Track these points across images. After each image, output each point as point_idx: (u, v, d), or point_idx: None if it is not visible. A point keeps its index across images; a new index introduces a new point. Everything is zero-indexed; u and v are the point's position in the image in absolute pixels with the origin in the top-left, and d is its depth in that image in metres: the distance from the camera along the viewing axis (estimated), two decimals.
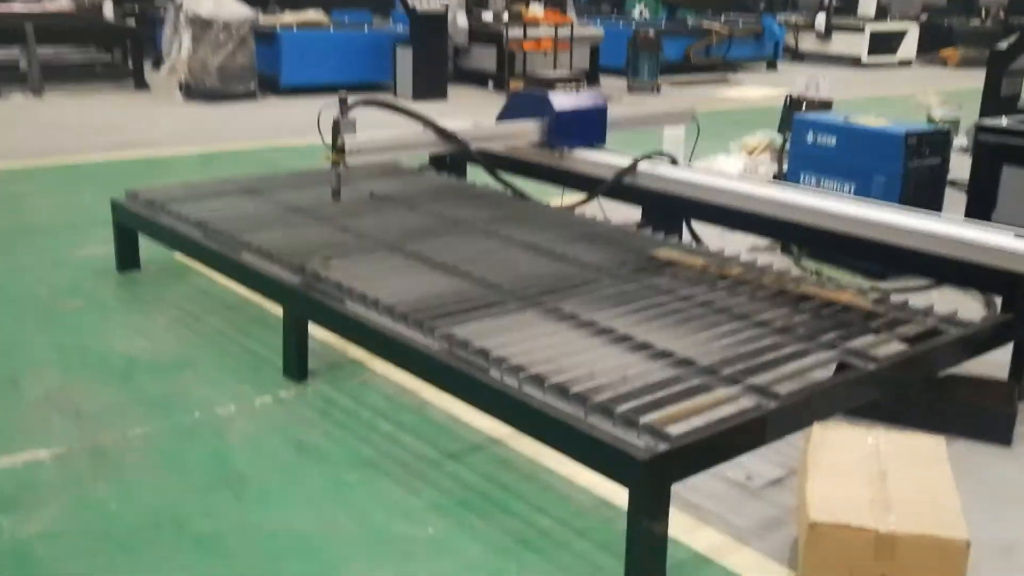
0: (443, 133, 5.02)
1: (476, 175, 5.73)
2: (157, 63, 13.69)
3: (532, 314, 3.51)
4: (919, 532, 2.32)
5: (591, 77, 14.80)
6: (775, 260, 5.56)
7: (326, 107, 4.63)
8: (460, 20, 13.80)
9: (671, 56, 15.49)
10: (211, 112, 11.05)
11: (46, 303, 4.84)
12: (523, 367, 2.98)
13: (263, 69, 12.16)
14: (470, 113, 11.57)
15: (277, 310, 4.09)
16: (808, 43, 19.57)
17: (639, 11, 22.13)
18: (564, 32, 13.27)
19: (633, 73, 14.39)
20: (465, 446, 3.45)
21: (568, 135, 5.38)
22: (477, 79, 13.98)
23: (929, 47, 19.77)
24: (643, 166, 5.04)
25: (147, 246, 5.18)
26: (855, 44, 18.92)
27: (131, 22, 13.85)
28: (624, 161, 5.14)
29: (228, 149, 9.02)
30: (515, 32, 13.23)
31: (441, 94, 12.67)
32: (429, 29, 12.55)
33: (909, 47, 19.51)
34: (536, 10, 13.20)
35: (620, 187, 5.08)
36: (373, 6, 16.55)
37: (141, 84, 12.51)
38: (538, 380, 2.91)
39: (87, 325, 4.57)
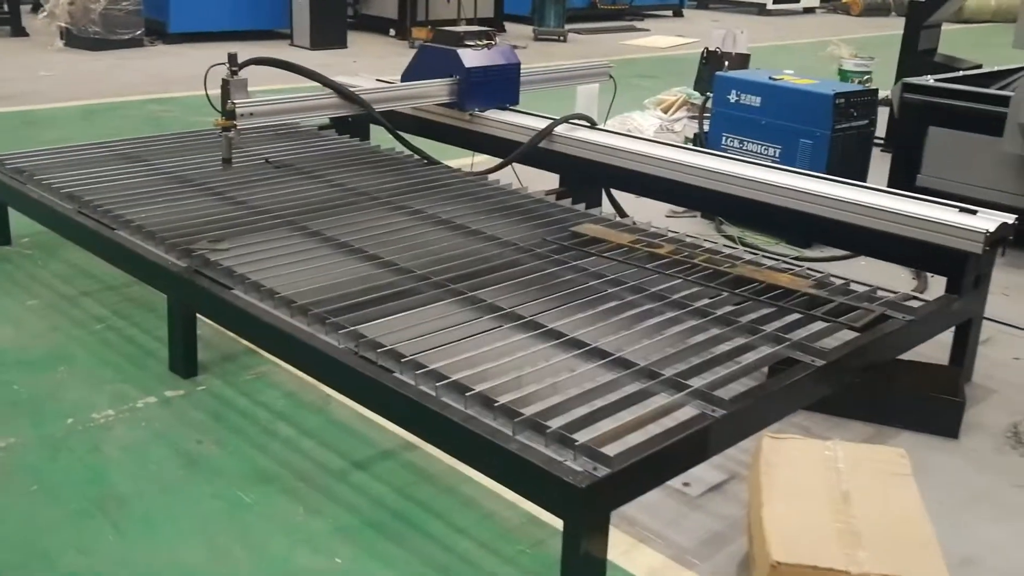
0: (345, 94, 4.60)
1: (381, 137, 5.33)
2: (35, 7, 12.82)
3: (449, 305, 3.16)
4: (894, 574, 2.07)
5: (496, 24, 14.37)
6: (695, 226, 5.33)
7: (214, 66, 4.19)
8: None
9: (576, 2, 15.14)
10: (94, 61, 10.32)
11: None
12: (441, 373, 2.65)
13: (150, 14, 11.41)
14: (371, 62, 11.07)
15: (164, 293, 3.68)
16: None
17: None
18: None
19: (539, 20, 14.00)
20: (374, 452, 3.11)
21: (479, 95, 5.01)
22: (377, 26, 13.43)
23: None
24: (560, 130, 4.70)
25: (20, 217, 4.67)
26: None
27: None
28: (540, 124, 4.80)
29: (112, 102, 8.40)
30: None
31: (341, 43, 12.12)
32: None
33: None
34: None
35: (536, 152, 4.74)
36: None
37: (18, 31, 11.65)
38: (459, 388, 2.58)
39: None
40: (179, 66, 10.21)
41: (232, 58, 4.21)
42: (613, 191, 4.93)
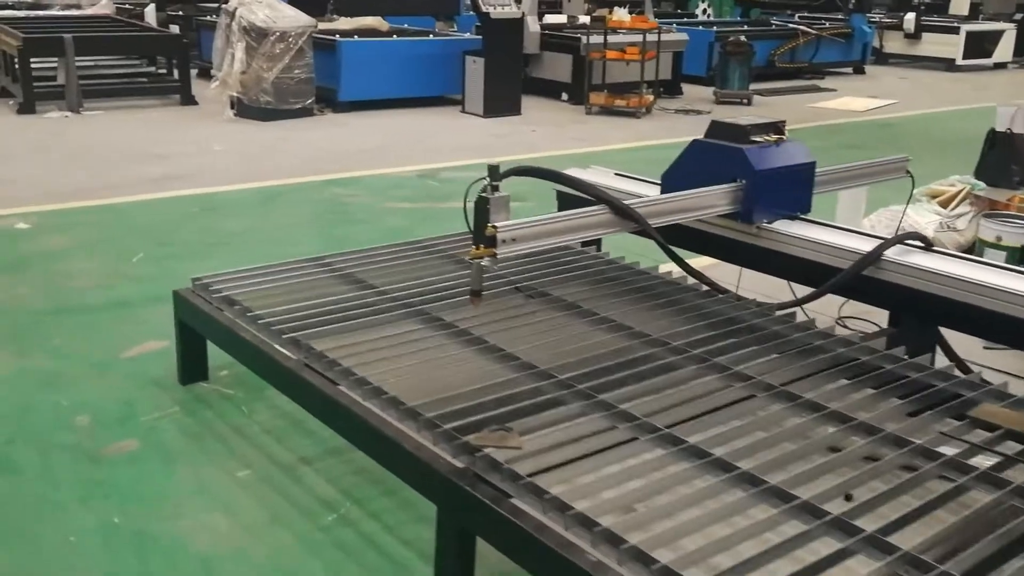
0: (618, 209, 3.68)
1: (627, 247, 4.41)
2: (203, 73, 12.46)
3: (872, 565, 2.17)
4: None
5: (674, 87, 13.47)
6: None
7: (476, 181, 3.34)
8: (532, 26, 12.48)
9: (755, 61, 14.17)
10: (266, 132, 9.77)
11: (85, 443, 3.57)
12: None
13: (320, 82, 10.85)
14: (551, 132, 10.25)
15: None
16: (895, 44, 18.14)
17: (702, 9, 20.88)
18: (649, 38, 11.87)
19: (721, 82, 13.04)
20: None
21: (769, 203, 4.03)
22: (548, 90, 12.64)
23: None
24: (891, 253, 3.68)
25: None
26: (948, 45, 17.46)
27: (174, 29, 12.56)
28: (848, 241, 3.80)
29: (292, 183, 7.74)
30: (595, 39, 11.91)
31: (515, 110, 11.36)
32: (503, 37, 11.18)
33: (1005, 48, 18.03)
34: (622, 15, 11.79)
35: (854, 280, 3.73)
36: (433, 10, 15.21)
37: (188, 99, 11.22)
38: None
39: (143, 487, 3.29)
40: (351, 138, 9.61)
41: (493, 171, 3.35)
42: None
